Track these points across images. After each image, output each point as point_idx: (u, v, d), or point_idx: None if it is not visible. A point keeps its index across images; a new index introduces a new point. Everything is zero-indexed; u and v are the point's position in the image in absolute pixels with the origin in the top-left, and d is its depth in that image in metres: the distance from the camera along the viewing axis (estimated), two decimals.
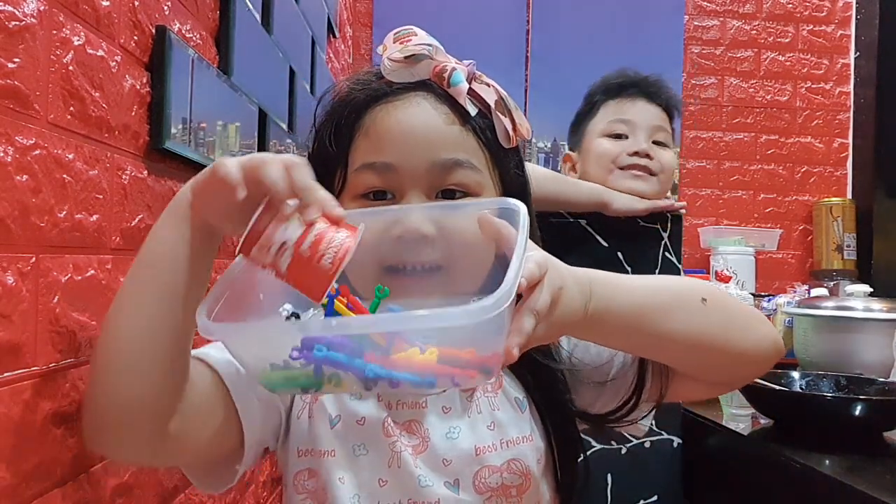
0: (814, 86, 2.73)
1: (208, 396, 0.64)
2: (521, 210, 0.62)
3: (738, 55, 2.72)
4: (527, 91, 2.58)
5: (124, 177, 0.71)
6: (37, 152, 0.56)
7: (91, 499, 0.65)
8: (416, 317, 0.52)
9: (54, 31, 0.59)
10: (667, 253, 1.20)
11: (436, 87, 0.72)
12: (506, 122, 0.73)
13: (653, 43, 2.61)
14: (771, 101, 2.72)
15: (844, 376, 1.26)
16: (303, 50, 1.55)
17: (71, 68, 0.61)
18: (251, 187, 0.54)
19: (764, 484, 1.05)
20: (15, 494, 0.54)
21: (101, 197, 0.67)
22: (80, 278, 0.63)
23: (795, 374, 1.29)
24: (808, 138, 2.73)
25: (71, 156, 0.61)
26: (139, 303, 0.58)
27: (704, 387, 0.77)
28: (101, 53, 0.66)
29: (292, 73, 1.41)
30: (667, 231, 1.21)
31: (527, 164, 0.80)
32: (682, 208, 1.29)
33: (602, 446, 1.18)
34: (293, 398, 0.73)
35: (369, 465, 0.70)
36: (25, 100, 0.55)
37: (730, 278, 2.27)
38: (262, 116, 1.18)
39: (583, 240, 1.18)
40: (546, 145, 2.61)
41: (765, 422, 1.18)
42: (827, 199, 2.65)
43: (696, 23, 2.71)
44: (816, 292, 1.94)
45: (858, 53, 2.71)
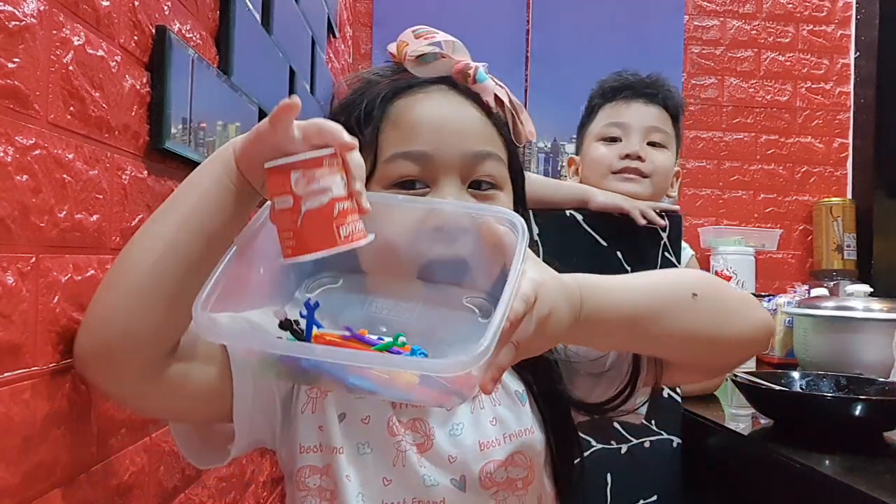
0: (814, 86, 2.73)
1: (207, 351, 0.65)
2: (520, 223, 0.61)
3: (738, 55, 2.72)
4: (527, 91, 2.58)
5: (124, 177, 0.71)
6: (37, 152, 0.56)
7: (91, 499, 0.65)
8: (401, 360, 0.55)
9: (54, 31, 0.59)
10: (666, 253, 1.20)
11: (459, 83, 0.74)
12: (517, 120, 0.75)
13: (653, 43, 2.61)
14: (771, 101, 2.72)
15: (844, 376, 1.26)
16: (303, 50, 1.55)
17: (71, 68, 0.61)
18: (312, 136, 0.56)
19: (764, 484, 1.05)
20: (15, 494, 0.54)
21: (101, 197, 0.67)
22: (80, 278, 0.63)
23: (795, 374, 1.29)
24: (808, 138, 2.73)
25: (71, 156, 0.61)
26: (162, 229, 0.59)
27: (699, 373, 0.78)
28: (101, 53, 0.66)
29: (292, 73, 1.41)
30: (666, 231, 1.20)
31: None
32: (675, 212, 1.25)
33: (602, 446, 1.18)
34: (292, 391, 0.73)
35: (374, 463, 0.70)
36: (25, 100, 0.55)
37: (730, 278, 2.27)
38: (262, 116, 1.18)
39: (582, 240, 1.18)
40: (546, 145, 2.61)
41: (765, 422, 1.18)
42: (827, 199, 2.65)
43: (696, 23, 2.71)
44: (816, 292, 1.94)
45: (858, 53, 2.71)
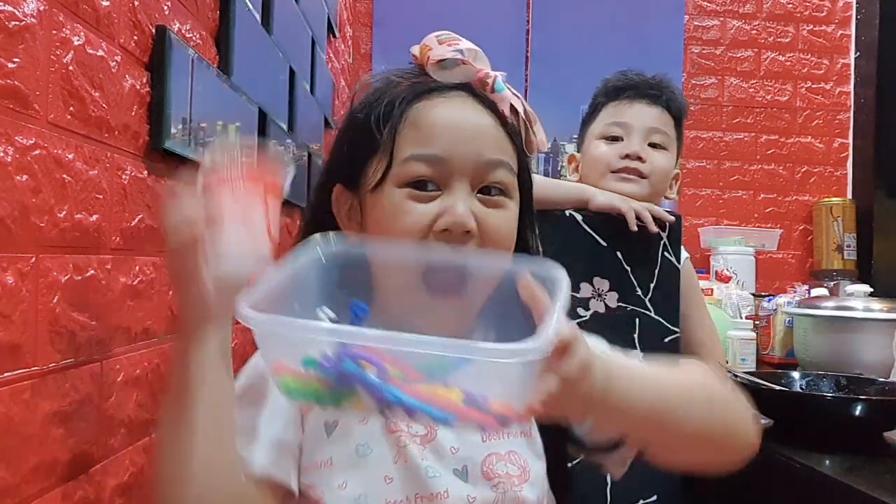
0: (814, 86, 2.73)
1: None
2: (562, 279, 0.62)
3: (738, 55, 2.72)
4: (527, 91, 2.58)
5: (124, 177, 0.71)
6: (37, 152, 0.56)
7: (91, 499, 0.65)
8: (469, 346, 0.52)
9: (54, 31, 0.59)
10: (666, 253, 1.20)
11: (477, 91, 0.75)
12: (531, 130, 0.77)
13: (653, 43, 2.61)
14: (771, 101, 2.72)
15: (844, 376, 1.25)
16: (303, 50, 1.55)
17: (71, 68, 0.61)
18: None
19: (764, 484, 1.05)
20: (15, 494, 0.54)
21: (101, 197, 0.67)
22: (80, 278, 0.63)
23: (795, 374, 1.29)
24: (808, 138, 2.73)
25: (71, 156, 0.61)
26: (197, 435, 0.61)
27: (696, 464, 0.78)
28: (101, 53, 0.66)
29: (292, 73, 1.41)
30: (666, 231, 1.20)
31: None
32: (667, 220, 1.21)
33: None
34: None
35: (375, 463, 0.70)
36: (25, 100, 0.55)
37: (730, 278, 2.27)
38: (262, 116, 1.18)
39: (582, 240, 1.18)
40: (546, 145, 2.61)
41: (765, 422, 1.18)
42: (827, 199, 2.65)
43: (696, 23, 2.71)
44: (816, 292, 1.94)
45: (858, 53, 2.71)
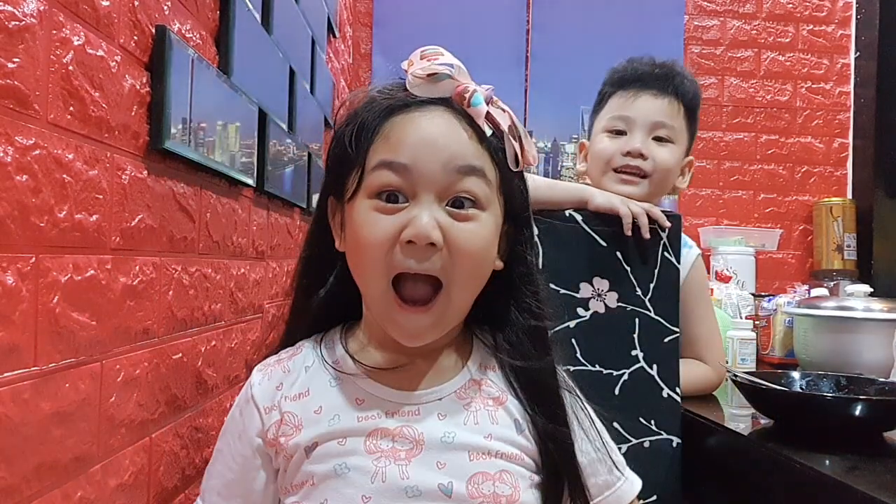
0: (814, 86, 2.73)
1: None
2: None
3: (738, 55, 2.72)
4: (527, 91, 2.58)
5: (124, 177, 0.71)
6: (37, 152, 0.56)
7: (91, 499, 0.65)
8: None
9: (54, 31, 0.59)
10: (666, 253, 1.20)
11: (456, 105, 0.75)
12: (516, 146, 0.75)
13: (653, 43, 2.61)
14: (771, 101, 2.72)
15: (844, 376, 1.25)
16: (303, 50, 1.55)
17: (71, 68, 0.61)
18: None
19: (764, 484, 1.05)
20: (15, 494, 0.54)
21: (101, 197, 0.67)
22: (80, 278, 0.63)
23: (795, 374, 1.29)
24: (808, 138, 2.73)
25: (71, 156, 0.61)
26: None
27: None
28: (100, 53, 0.66)
29: (292, 73, 1.41)
30: (666, 231, 1.20)
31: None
32: (663, 226, 1.19)
33: None
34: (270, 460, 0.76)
35: (352, 483, 0.70)
36: (25, 100, 0.55)
37: (730, 278, 2.27)
38: (262, 116, 1.18)
39: (582, 240, 1.18)
40: (546, 145, 2.61)
41: (765, 422, 1.18)
42: (827, 199, 2.65)
43: (696, 23, 2.71)
44: (816, 292, 1.94)
45: (858, 53, 2.71)
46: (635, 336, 1.16)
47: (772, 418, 1.17)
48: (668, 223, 1.19)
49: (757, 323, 1.92)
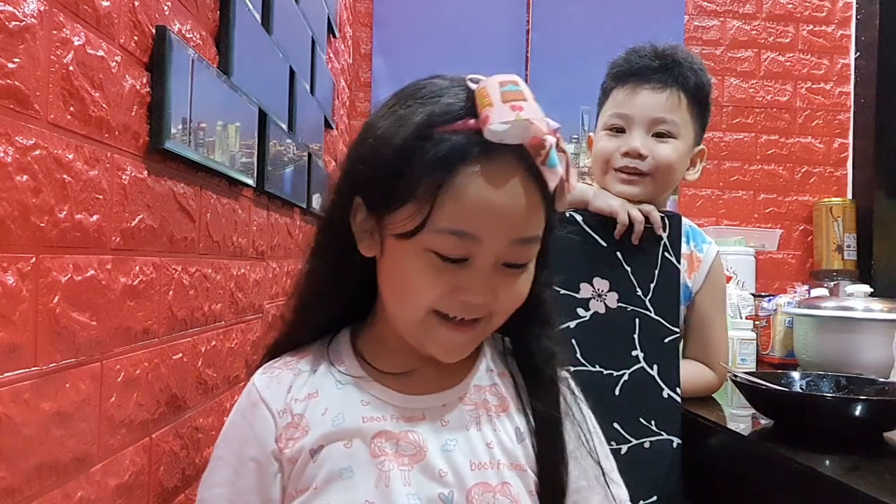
0: (814, 86, 2.73)
1: None
2: None
3: (738, 55, 2.72)
4: None
5: (124, 177, 0.71)
6: (37, 152, 0.56)
7: (91, 499, 0.65)
8: None
9: (54, 31, 0.59)
10: (666, 253, 1.19)
11: (527, 157, 0.69)
12: (567, 185, 0.72)
13: None
14: (771, 101, 2.72)
15: (844, 376, 1.25)
16: (303, 50, 1.55)
17: (71, 68, 0.61)
18: None
19: (764, 484, 1.05)
20: (15, 494, 0.54)
21: (101, 197, 0.67)
22: (80, 278, 0.63)
23: (795, 374, 1.29)
24: (808, 138, 2.73)
25: (71, 156, 0.61)
26: None
27: None
28: (101, 53, 0.66)
29: (292, 73, 1.41)
30: (666, 231, 1.20)
31: None
32: (657, 232, 1.18)
33: None
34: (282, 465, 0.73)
35: (356, 487, 0.69)
36: (25, 100, 0.55)
37: (730, 278, 2.27)
38: (262, 116, 1.18)
39: (582, 240, 1.18)
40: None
41: (765, 422, 1.18)
42: (827, 199, 2.65)
43: (696, 23, 2.71)
44: (816, 292, 1.94)
45: (858, 53, 2.71)
46: (635, 336, 1.16)
47: (772, 418, 1.17)
48: (661, 231, 1.18)
49: (757, 323, 1.92)
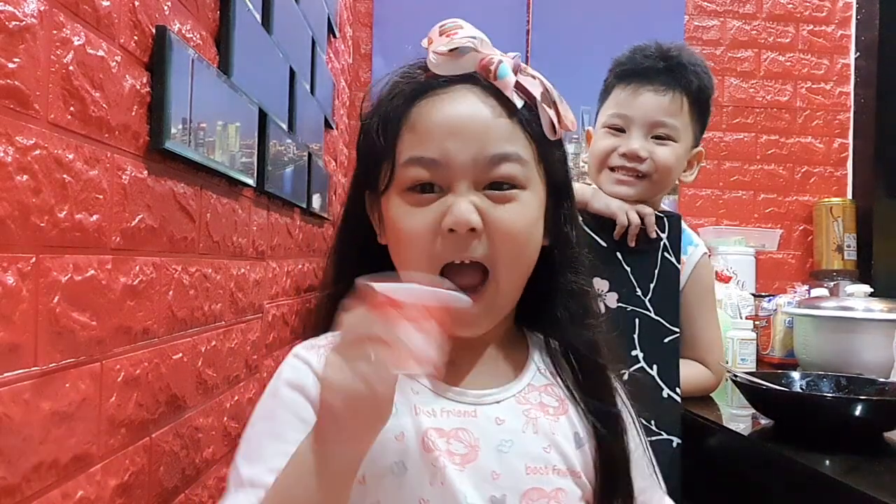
0: (814, 86, 2.73)
1: None
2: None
3: (738, 55, 2.72)
4: None
5: (124, 177, 0.71)
6: (37, 152, 0.56)
7: (91, 499, 0.65)
8: None
9: (54, 31, 0.59)
10: (666, 253, 1.20)
11: (482, 79, 0.71)
12: (551, 113, 0.72)
13: None
14: (771, 101, 2.72)
15: (844, 376, 1.25)
16: (303, 50, 1.55)
17: (71, 68, 0.61)
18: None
19: (764, 484, 1.05)
20: (15, 494, 0.54)
21: (101, 197, 0.67)
22: (80, 278, 0.63)
23: (795, 374, 1.29)
24: (808, 138, 2.73)
25: (71, 156, 0.61)
26: None
27: None
28: (101, 53, 0.66)
29: (292, 73, 1.41)
30: (666, 231, 1.20)
31: None
32: (650, 237, 1.18)
33: None
34: None
35: (409, 483, 0.66)
36: (25, 100, 0.55)
37: (730, 278, 2.27)
38: (262, 116, 1.18)
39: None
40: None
41: (765, 422, 1.18)
42: (827, 200, 2.65)
43: (696, 23, 2.71)
44: (816, 292, 1.94)
45: (858, 53, 2.71)
46: (635, 336, 1.16)
47: (772, 418, 1.17)
48: (654, 235, 1.18)
49: (757, 323, 1.92)
